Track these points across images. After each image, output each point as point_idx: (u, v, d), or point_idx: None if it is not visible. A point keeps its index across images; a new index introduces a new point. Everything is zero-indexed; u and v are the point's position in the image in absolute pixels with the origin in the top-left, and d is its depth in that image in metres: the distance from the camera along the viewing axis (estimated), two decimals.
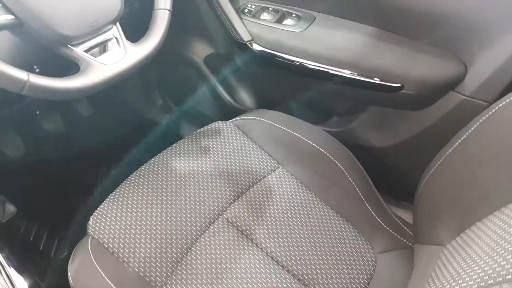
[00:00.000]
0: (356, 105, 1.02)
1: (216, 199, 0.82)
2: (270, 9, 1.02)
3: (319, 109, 1.12)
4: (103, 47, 0.70)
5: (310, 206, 0.85)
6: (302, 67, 0.96)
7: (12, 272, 0.81)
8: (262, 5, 1.03)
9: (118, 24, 0.71)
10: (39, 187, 1.35)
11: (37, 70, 0.76)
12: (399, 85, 0.87)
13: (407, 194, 1.00)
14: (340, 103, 1.05)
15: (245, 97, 1.24)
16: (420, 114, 0.92)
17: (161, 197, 0.81)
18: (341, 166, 0.89)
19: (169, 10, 0.77)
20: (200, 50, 1.24)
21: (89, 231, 0.77)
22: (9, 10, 0.58)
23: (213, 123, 0.98)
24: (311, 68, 0.95)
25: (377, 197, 0.90)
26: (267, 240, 0.78)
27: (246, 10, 1.04)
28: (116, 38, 0.71)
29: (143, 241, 0.75)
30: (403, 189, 1.04)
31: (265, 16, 1.02)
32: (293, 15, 0.99)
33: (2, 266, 0.82)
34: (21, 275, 0.91)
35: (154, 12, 0.76)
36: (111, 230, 0.75)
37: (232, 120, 1.00)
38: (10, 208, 1.34)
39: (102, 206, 0.80)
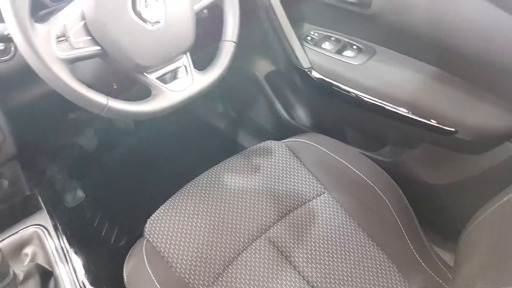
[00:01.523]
0: (409, 139, 1.02)
1: (260, 217, 0.87)
2: (332, 38, 1.05)
3: (371, 137, 1.13)
4: (173, 74, 0.78)
5: (351, 235, 0.87)
6: (357, 99, 0.98)
7: (73, 256, 0.91)
8: (325, 33, 1.07)
9: (188, 53, 0.79)
10: (107, 179, 1.49)
11: (115, 87, 0.86)
12: (453, 129, 0.87)
13: (452, 234, 0.99)
14: (393, 134, 1.06)
15: (301, 116, 1.28)
16: (474, 157, 0.90)
17: (211, 209, 0.87)
18: (386, 199, 0.91)
19: (235, 43, 0.83)
20: (262, 67, 1.30)
21: (145, 234, 0.85)
22: (97, 43, 0.67)
23: (266, 142, 1.03)
24: (366, 101, 0.97)
25: (419, 233, 0.90)
26: (306, 264, 0.82)
27: (309, 38, 1.07)
28: (185, 66, 0.78)
29: (191, 249, 0.82)
30: (448, 229, 1.03)
31: (326, 45, 1.05)
32: (354, 46, 1.01)
33: (64, 249, 0.92)
34: (80, 258, 0.98)
35: (221, 43, 0.83)
36: (164, 235, 0.83)
37: (284, 140, 1.04)
38: (80, 194, 1.50)
39: (158, 211, 0.88)
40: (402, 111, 0.93)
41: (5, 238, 0.85)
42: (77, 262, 0.86)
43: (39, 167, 1.34)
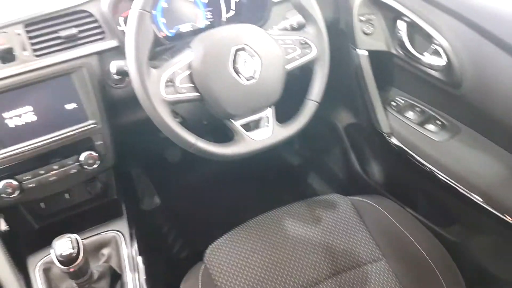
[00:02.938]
0: (480, 226, 0.98)
1: (312, 269, 0.89)
2: (417, 108, 1.05)
3: (440, 212, 1.10)
4: (256, 123, 0.85)
5: None
6: (432, 174, 0.97)
7: (140, 265, 1.01)
8: (410, 102, 1.07)
9: (273, 106, 0.86)
10: (183, 192, 1.62)
11: (205, 123, 0.97)
12: None
13: None
14: (463, 216, 1.02)
15: (373, 172, 1.29)
16: None
17: (267, 250, 0.92)
18: (444, 283, 0.88)
19: (318, 103, 0.88)
20: (344, 118, 1.33)
21: (204, 259, 0.93)
22: (197, 90, 0.77)
23: (333, 195, 1.05)
24: (440, 179, 0.96)
25: None
26: None
27: (394, 103, 1.09)
28: (268, 117, 0.85)
29: (243, 285, 0.86)
30: None
31: (410, 114, 1.06)
32: (438, 121, 1.01)
33: (134, 258, 1.02)
34: (144, 266, 1.04)
35: (306, 100, 0.89)
36: (221, 264, 0.90)
37: (351, 197, 1.06)
38: (157, 200, 1.65)
39: (220, 240, 0.95)
40: (476, 198, 0.90)
41: (89, 237, 0.98)
42: (142, 271, 0.95)
43: (128, 175, 1.50)
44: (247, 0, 1.05)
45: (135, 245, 0.98)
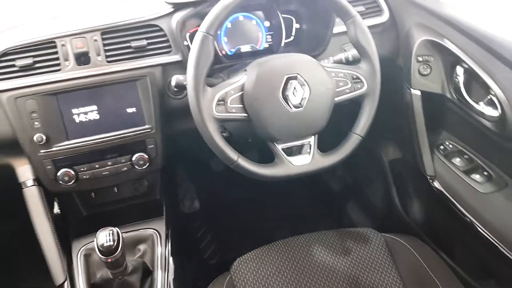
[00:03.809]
0: None
1: None
2: (465, 156, 1.03)
3: (478, 264, 1.06)
4: (298, 149, 0.88)
5: None
6: (473, 226, 0.95)
7: (171, 266, 1.06)
8: (459, 148, 1.05)
9: (316, 135, 0.88)
10: (223, 200, 1.67)
11: (249, 140, 1.01)
12: None
13: None
14: (501, 273, 0.98)
15: (411, 210, 1.26)
16: None
17: (293, 273, 0.93)
18: None
19: (362, 138, 0.89)
20: (390, 152, 1.32)
21: (231, 270, 0.96)
22: (246, 111, 0.82)
23: (366, 229, 1.05)
24: (480, 232, 0.93)
25: None
26: None
27: (442, 147, 1.07)
28: (310, 145, 0.88)
29: None
30: None
31: (457, 161, 1.03)
32: (485, 172, 0.98)
33: (166, 258, 1.08)
34: (175, 267, 1.09)
35: (350, 133, 0.90)
36: (246, 279, 0.92)
37: (385, 234, 1.04)
38: (197, 204, 1.71)
39: (248, 254, 0.98)
40: None
41: (129, 232, 1.05)
42: (172, 271, 1.01)
43: (173, 178, 1.58)
44: (307, 29, 1.09)
45: (169, 246, 1.04)
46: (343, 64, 0.92)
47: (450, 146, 1.07)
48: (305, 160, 0.87)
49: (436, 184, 1.04)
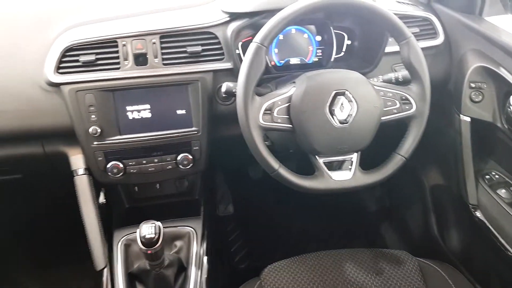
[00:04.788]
0: None
1: None
2: (511, 188, 0.99)
3: None
4: (339, 164, 0.89)
5: None
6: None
7: (204, 264, 1.09)
8: (506, 179, 1.02)
9: (359, 153, 0.88)
10: (257, 205, 1.69)
11: (290, 151, 1.02)
12: None
13: None
14: None
15: (449, 239, 1.23)
16: None
17: (322, 286, 0.93)
18: None
19: (406, 159, 0.89)
20: (431, 177, 1.29)
21: (261, 276, 0.97)
22: (291, 122, 0.84)
23: (401, 251, 1.03)
24: None
25: None
26: None
27: (487, 177, 1.04)
28: (352, 162, 0.88)
29: None
30: None
31: (502, 192, 1.00)
32: None
33: (201, 257, 1.10)
34: (207, 261, 1.11)
35: (394, 154, 0.90)
36: (276, 286, 0.93)
37: (420, 259, 1.02)
38: (231, 208, 1.75)
39: (280, 262, 0.99)
40: None
41: (168, 227, 1.08)
42: (205, 270, 1.03)
43: (212, 181, 1.62)
44: (358, 46, 1.10)
45: (205, 245, 1.07)
46: (392, 84, 0.92)
47: (496, 176, 1.03)
48: (346, 176, 0.87)
49: (478, 214, 1.01)
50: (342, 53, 1.11)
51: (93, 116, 0.95)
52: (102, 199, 1.10)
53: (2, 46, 0.96)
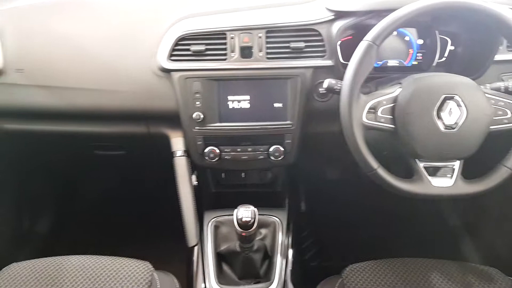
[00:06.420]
0: None
1: None
2: None
3: None
4: (438, 169, 0.87)
5: None
6: None
7: (290, 253, 1.10)
8: None
9: (462, 161, 0.86)
10: (330, 205, 1.69)
11: (384, 153, 1.01)
12: None
13: None
14: None
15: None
16: None
17: None
18: None
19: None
20: None
21: (342, 274, 0.98)
22: (394, 123, 0.83)
23: (491, 268, 0.98)
24: None
25: None
26: None
27: None
28: (453, 169, 0.86)
29: None
30: None
31: None
32: None
33: (286, 246, 1.12)
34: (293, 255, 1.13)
35: (499, 165, 0.86)
36: (358, 286, 0.93)
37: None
38: (302, 206, 1.76)
39: (363, 263, 0.98)
40: None
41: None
42: (290, 262, 1.06)
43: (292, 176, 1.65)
44: (462, 52, 1.06)
45: (290, 237, 1.09)
46: (502, 93, 0.88)
47: None
48: (447, 183, 0.85)
49: None
50: (444, 58, 1.08)
51: (197, 102, 1.01)
52: (194, 181, 1.17)
53: (122, 36, 1.04)
